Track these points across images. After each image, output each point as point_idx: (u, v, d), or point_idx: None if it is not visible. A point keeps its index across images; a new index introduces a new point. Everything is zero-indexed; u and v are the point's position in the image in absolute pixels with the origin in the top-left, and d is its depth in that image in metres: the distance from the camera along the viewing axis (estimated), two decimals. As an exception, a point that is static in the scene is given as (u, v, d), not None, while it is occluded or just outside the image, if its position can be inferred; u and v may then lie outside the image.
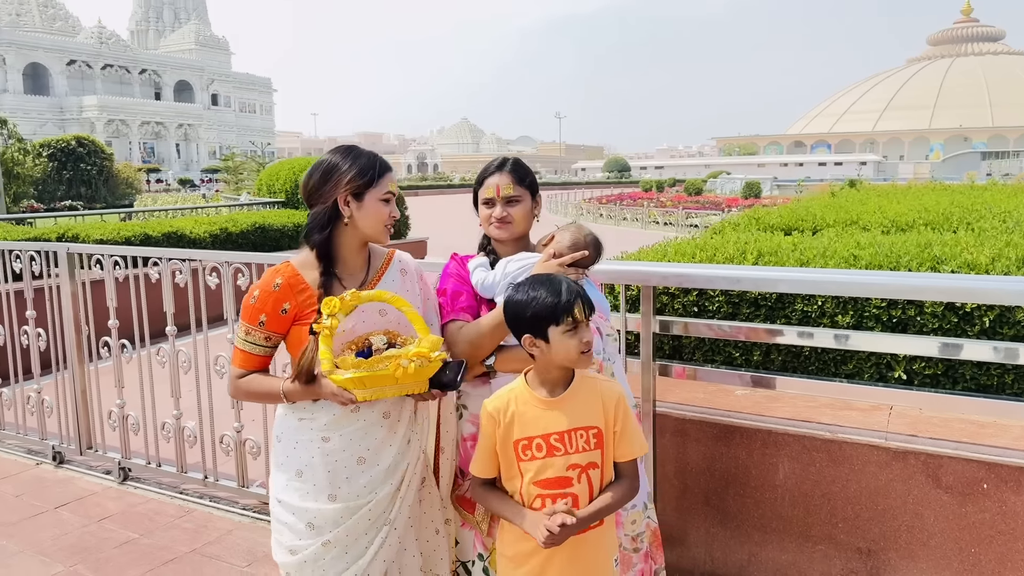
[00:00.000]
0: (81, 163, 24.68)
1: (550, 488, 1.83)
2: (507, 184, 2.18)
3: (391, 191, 2.01)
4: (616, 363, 2.26)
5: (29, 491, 4.13)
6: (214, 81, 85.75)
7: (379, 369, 1.85)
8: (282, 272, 1.99)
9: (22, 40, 67.60)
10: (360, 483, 1.97)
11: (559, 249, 2.12)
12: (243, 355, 2.01)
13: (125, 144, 70.06)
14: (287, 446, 2.01)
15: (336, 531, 1.93)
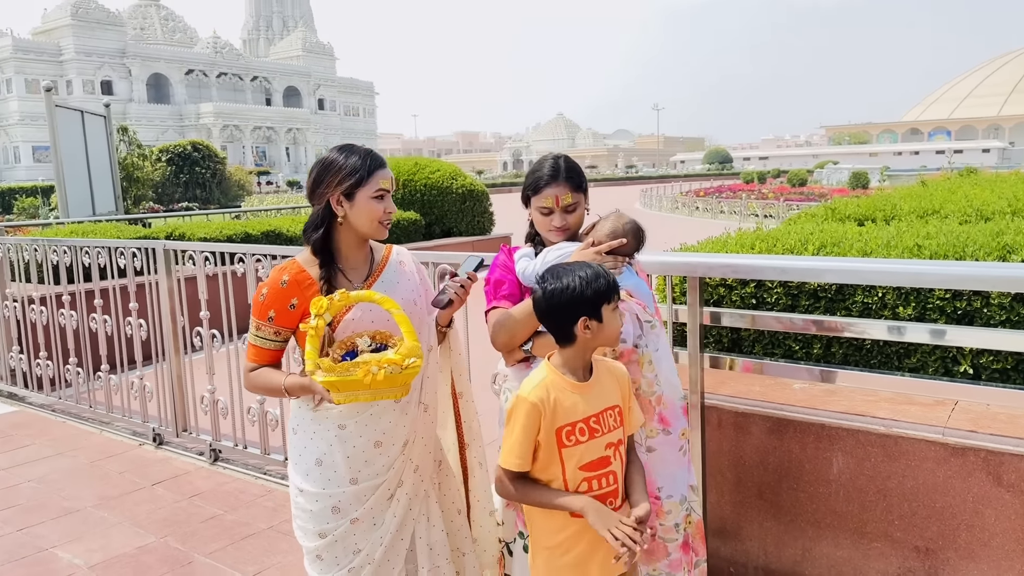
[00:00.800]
0: (196, 167, 26.17)
1: (594, 470, 1.87)
2: (566, 193, 2.20)
3: (383, 188, 2.03)
4: (660, 352, 2.22)
5: (131, 469, 4.51)
6: (320, 86, 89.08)
7: (349, 375, 1.88)
8: (288, 269, 2.06)
9: (146, 52, 72.35)
10: (379, 464, 2.04)
11: (598, 237, 2.16)
12: (254, 349, 2.09)
13: (239, 148, 73.87)
14: (304, 438, 2.08)
15: (362, 509, 2.02)
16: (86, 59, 67.67)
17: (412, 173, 11.47)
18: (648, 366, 2.16)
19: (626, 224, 2.20)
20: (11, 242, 5.97)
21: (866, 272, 2.43)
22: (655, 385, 2.17)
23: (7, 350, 6.00)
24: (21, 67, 64.99)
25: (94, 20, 68.82)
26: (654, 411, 2.17)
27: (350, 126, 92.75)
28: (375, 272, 2.14)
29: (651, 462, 2.18)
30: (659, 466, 2.20)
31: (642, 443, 2.16)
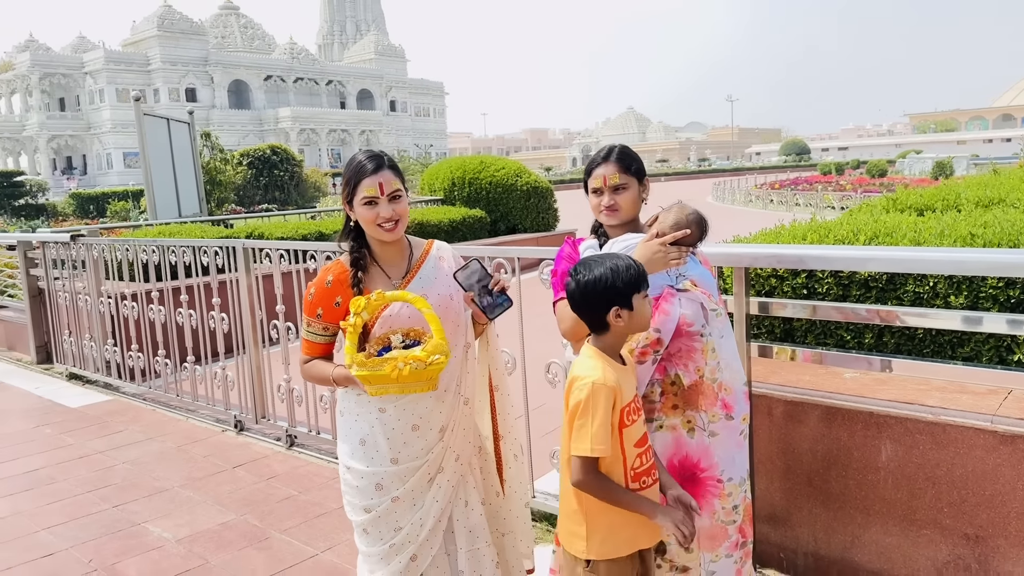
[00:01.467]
0: (275, 170, 27.11)
1: (641, 445, 1.98)
2: (613, 173, 2.28)
3: (367, 196, 2.11)
4: (724, 339, 2.25)
5: (214, 453, 4.83)
6: (392, 88, 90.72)
7: (378, 370, 2.02)
8: (333, 270, 2.21)
9: (227, 60, 75.16)
10: (417, 447, 2.17)
11: (661, 229, 2.20)
12: (307, 344, 2.26)
13: (315, 151, 75.97)
14: (349, 419, 2.23)
15: (403, 488, 2.16)
16: (171, 68, 70.78)
17: (477, 171, 11.70)
18: (712, 353, 2.20)
19: (689, 215, 2.23)
20: (105, 243, 6.43)
21: (906, 260, 2.45)
22: (718, 372, 2.21)
23: (103, 343, 6.46)
24: (112, 77, 68.46)
25: (178, 30, 71.88)
26: (717, 397, 2.21)
27: (421, 126, 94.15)
28: (413, 269, 2.25)
29: (713, 446, 2.22)
30: (721, 450, 2.23)
31: (705, 428, 2.20)
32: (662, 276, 2.21)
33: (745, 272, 2.83)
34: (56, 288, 7.06)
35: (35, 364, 7.51)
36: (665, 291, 2.23)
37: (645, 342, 2.19)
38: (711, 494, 2.25)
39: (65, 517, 3.94)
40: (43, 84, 68.73)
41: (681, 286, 2.24)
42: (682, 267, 2.21)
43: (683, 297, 2.22)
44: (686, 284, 2.24)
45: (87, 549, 3.57)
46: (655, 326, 2.19)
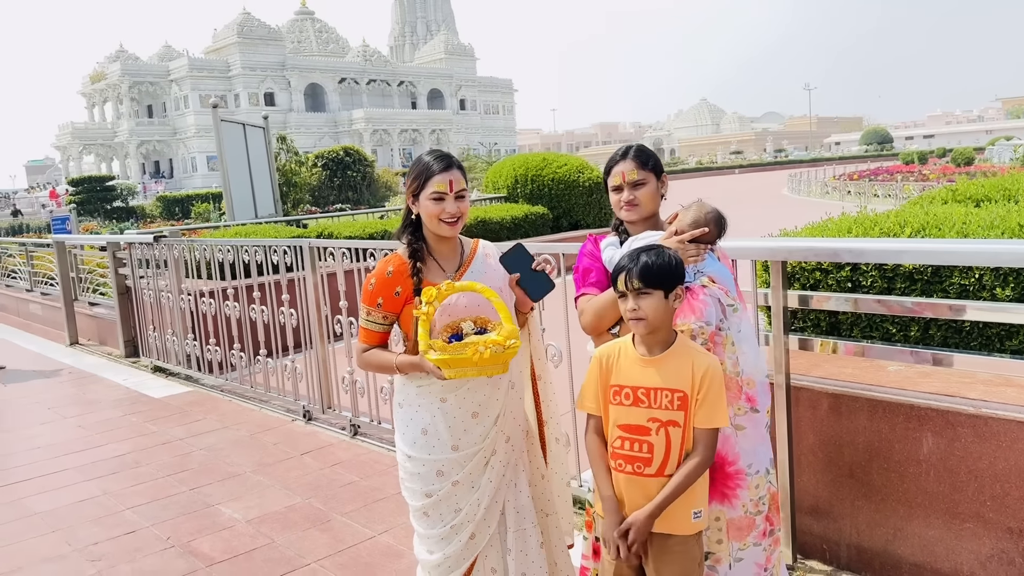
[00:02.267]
0: (348, 171, 27.82)
1: (630, 433, 2.08)
2: (631, 169, 2.36)
3: (437, 191, 2.24)
4: (742, 333, 2.30)
5: (284, 440, 5.11)
6: (461, 87, 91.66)
7: (460, 354, 2.14)
8: (392, 261, 2.34)
9: (303, 64, 77.41)
10: (477, 433, 2.30)
11: (680, 226, 2.27)
12: (366, 332, 2.36)
13: (388, 151, 77.48)
14: (409, 411, 2.34)
15: (462, 472, 2.29)
16: (251, 73, 73.34)
17: (540, 168, 11.81)
18: (731, 347, 2.26)
19: (708, 213, 2.30)
20: (184, 243, 6.83)
21: (938, 252, 2.45)
22: (738, 366, 2.26)
23: (183, 338, 6.87)
24: (196, 84, 71.41)
25: (257, 36, 74.43)
26: (741, 391, 2.26)
27: (490, 124, 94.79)
28: (464, 263, 2.39)
29: (739, 439, 2.27)
30: (746, 443, 2.28)
31: (731, 420, 2.23)
32: None
33: (782, 266, 2.86)
34: (141, 286, 7.53)
35: (123, 358, 8.01)
36: (693, 287, 2.28)
37: (704, 336, 2.23)
38: (739, 486, 2.30)
39: (147, 498, 4.26)
40: (132, 92, 72.27)
41: (699, 282, 2.29)
42: (700, 264, 2.27)
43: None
44: (704, 280, 2.29)
45: (166, 527, 3.86)
46: (705, 320, 2.23)
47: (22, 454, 5.17)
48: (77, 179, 30.97)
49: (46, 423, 5.98)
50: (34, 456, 5.12)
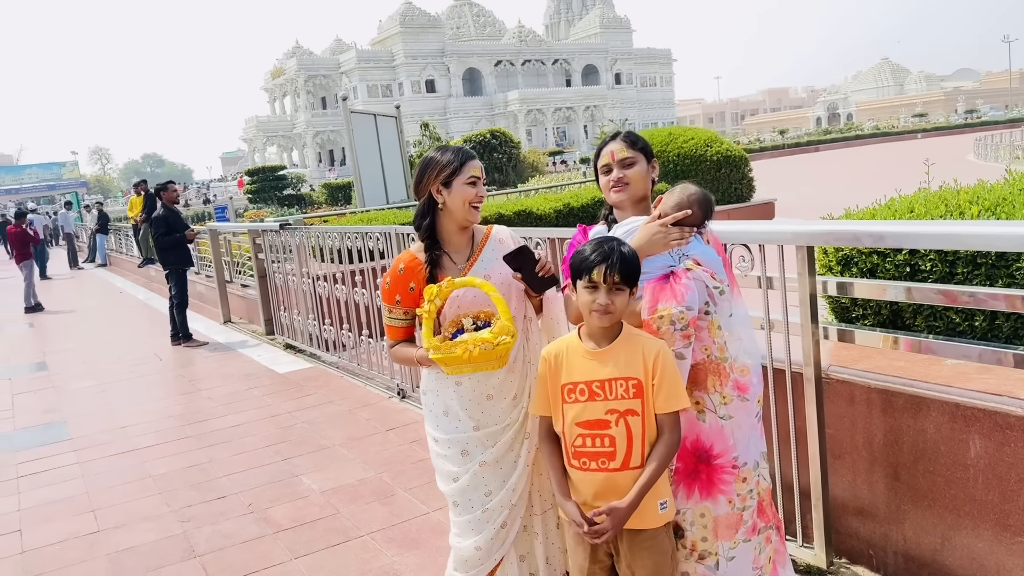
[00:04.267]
0: (494, 153, 28.33)
1: (590, 428, 2.05)
2: (620, 148, 2.32)
3: (474, 175, 2.33)
4: (733, 317, 2.22)
5: (376, 416, 5.40)
6: (617, 60, 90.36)
7: (451, 353, 2.19)
8: (403, 259, 2.41)
9: (461, 49, 79.50)
10: (495, 413, 2.35)
11: (663, 210, 2.22)
12: (391, 329, 2.47)
13: (541, 131, 78.15)
14: (432, 396, 2.42)
15: (486, 453, 2.34)
16: (413, 62, 76.35)
17: (665, 144, 11.47)
18: (718, 332, 2.19)
19: (691, 195, 2.25)
20: (303, 231, 7.33)
21: (952, 236, 2.18)
22: (727, 351, 2.19)
23: (306, 317, 7.39)
24: (363, 75, 75.40)
25: (418, 25, 77.26)
26: (729, 377, 2.18)
27: (647, 97, 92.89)
28: (475, 253, 2.42)
29: (729, 429, 2.18)
30: (735, 434, 2.20)
31: (716, 410, 2.18)
32: (664, 257, 2.20)
33: (808, 250, 2.67)
34: (274, 269, 8.16)
35: (264, 335, 8.74)
36: (677, 271, 2.21)
37: (683, 322, 2.16)
38: (725, 480, 2.21)
39: (244, 467, 4.67)
40: (308, 86, 77.54)
41: (684, 265, 2.21)
42: (685, 247, 2.20)
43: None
44: (688, 263, 2.22)
45: (250, 495, 4.22)
46: (686, 304, 2.15)
47: (159, 422, 5.82)
48: (253, 169, 33.80)
49: (184, 394, 6.69)
50: (167, 424, 5.75)
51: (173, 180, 9.82)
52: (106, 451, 5.20)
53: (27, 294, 13.02)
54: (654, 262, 2.22)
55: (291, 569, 3.37)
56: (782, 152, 52.64)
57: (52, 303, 13.83)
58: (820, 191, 19.46)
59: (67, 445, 5.40)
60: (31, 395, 7.06)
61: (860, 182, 19.17)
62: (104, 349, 9.16)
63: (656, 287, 2.18)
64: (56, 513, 4.20)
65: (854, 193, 6.03)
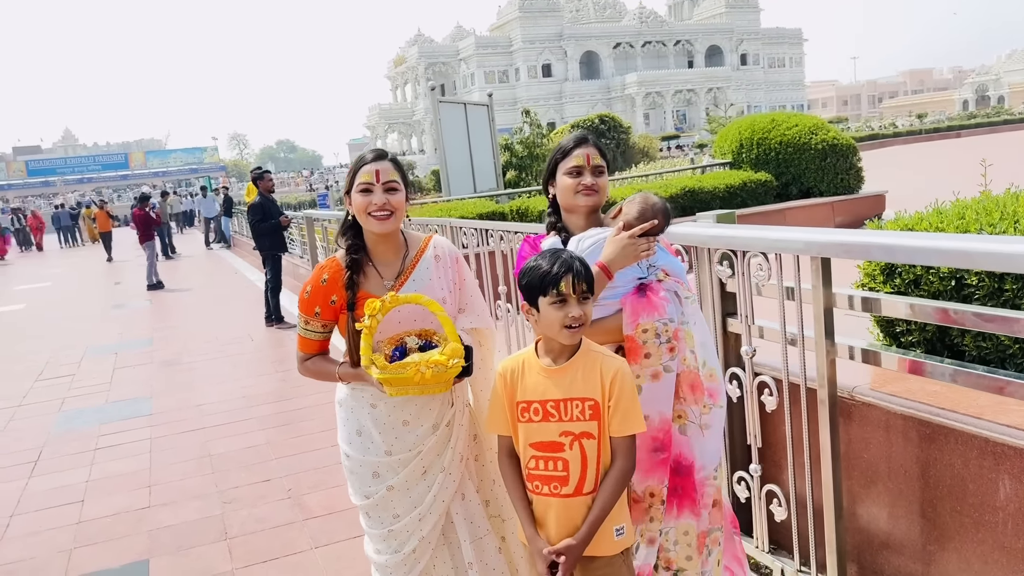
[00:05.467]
0: (602, 138, 27.94)
1: (543, 451, 1.94)
2: (595, 155, 2.26)
3: (363, 182, 2.15)
4: (697, 324, 2.19)
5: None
6: (743, 41, 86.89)
7: (401, 374, 2.06)
8: (328, 268, 2.23)
9: (579, 32, 78.76)
10: (409, 440, 2.23)
11: (628, 221, 2.16)
12: (305, 341, 2.29)
13: (660, 114, 76.42)
14: (347, 410, 2.31)
15: (396, 478, 2.23)
16: (530, 47, 76.34)
17: (766, 131, 10.88)
18: (691, 340, 2.16)
19: (654, 205, 2.19)
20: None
21: (970, 254, 1.90)
22: (699, 357, 2.16)
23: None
24: (481, 61, 76.16)
25: (536, 10, 77.10)
26: (703, 386, 2.15)
27: (774, 79, 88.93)
28: (407, 270, 2.26)
29: (706, 438, 2.16)
30: (712, 442, 2.18)
31: (697, 421, 2.15)
32: (633, 269, 2.16)
33: (823, 261, 2.43)
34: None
35: (348, 320, 8.99)
36: (651, 283, 2.18)
37: (668, 334, 2.12)
38: (708, 493, 2.19)
39: (296, 450, 4.82)
40: (428, 73, 79.11)
41: (655, 277, 2.18)
42: (652, 258, 2.17)
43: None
44: (659, 275, 2.18)
45: (293, 479, 4.35)
46: (667, 316, 2.13)
47: (230, 402, 6.11)
48: (367, 156, 34.92)
49: (263, 375, 6.99)
50: (238, 404, 6.02)
51: (269, 170, 10.28)
52: (177, 428, 5.51)
53: (149, 272, 14.02)
54: (625, 275, 2.16)
55: (308, 558, 3.45)
56: (919, 138, 49.04)
57: (173, 281, 14.83)
58: (945, 181, 17.99)
59: (146, 420, 5.77)
60: (129, 370, 7.60)
61: (995, 170, 17.58)
62: (204, 327, 9.72)
63: (635, 301, 2.15)
64: (117, 486, 4.49)
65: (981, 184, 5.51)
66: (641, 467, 2.08)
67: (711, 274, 2.97)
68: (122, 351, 8.57)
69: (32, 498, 4.42)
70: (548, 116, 72.60)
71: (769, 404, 2.73)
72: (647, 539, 2.15)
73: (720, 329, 3.03)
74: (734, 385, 2.90)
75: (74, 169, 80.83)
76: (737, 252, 2.74)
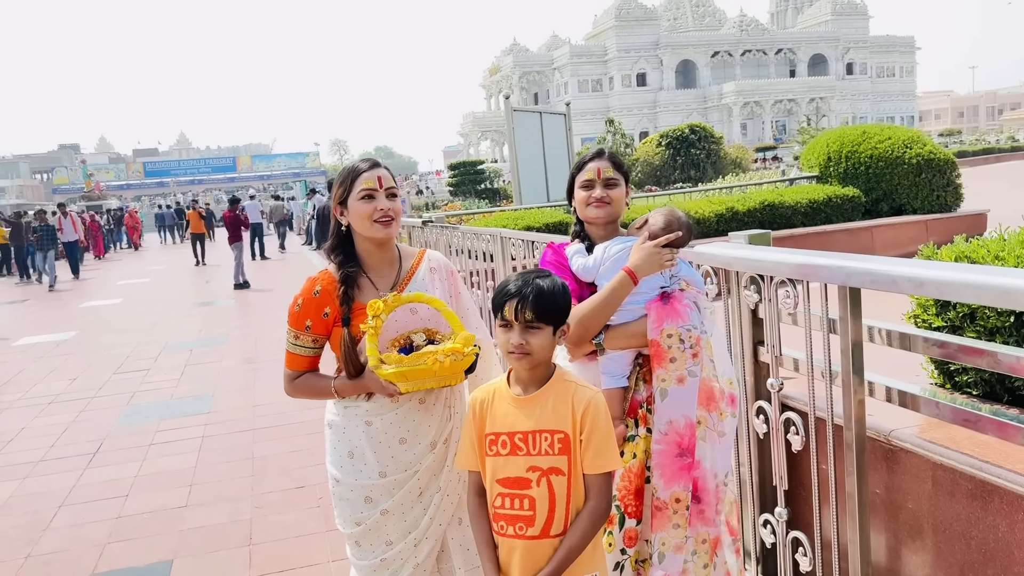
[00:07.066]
0: (692, 148, 27.36)
1: (510, 487, 1.81)
2: (607, 167, 2.33)
3: (366, 188, 2.11)
4: (715, 336, 2.28)
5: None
6: (849, 49, 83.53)
7: (419, 364, 1.99)
8: (320, 280, 2.17)
9: (676, 41, 77.55)
10: (406, 459, 2.14)
11: (653, 231, 2.24)
12: (295, 358, 2.21)
13: (758, 124, 74.28)
14: (338, 431, 2.21)
15: (391, 501, 2.14)
16: (625, 55, 75.74)
17: (856, 144, 10.27)
18: (710, 349, 2.22)
19: (679, 218, 2.28)
20: (439, 229, 7.46)
21: (1002, 289, 1.64)
22: (716, 368, 2.23)
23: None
24: (575, 70, 76.09)
25: (633, 18, 76.47)
26: (723, 393, 2.21)
27: (882, 88, 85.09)
28: (402, 281, 2.22)
29: (723, 446, 2.22)
30: (726, 450, 2.24)
31: (716, 428, 2.18)
32: (655, 278, 2.24)
33: (852, 291, 2.19)
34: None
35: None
36: (675, 291, 2.25)
37: (691, 340, 2.16)
38: (723, 500, 2.22)
39: (334, 458, 4.82)
40: (522, 82, 79.75)
41: (678, 287, 2.26)
42: (674, 268, 2.26)
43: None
44: (681, 285, 2.27)
45: (324, 488, 4.32)
46: (691, 323, 2.18)
47: (286, 403, 6.19)
48: (454, 164, 35.27)
49: (321, 379, 7.07)
50: (288, 408, 6.09)
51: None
52: (229, 428, 5.63)
53: (236, 272, 14.56)
54: (649, 283, 2.23)
55: (324, 571, 3.41)
56: (1042, 152, 45.79)
57: (259, 282, 15.36)
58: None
59: (202, 419, 5.92)
60: (199, 367, 7.86)
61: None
62: (278, 328, 9.96)
63: (660, 307, 2.21)
64: (161, 484, 4.60)
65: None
66: (666, 473, 2.11)
67: (739, 298, 2.76)
68: (197, 348, 8.89)
69: (82, 490, 4.59)
70: (641, 125, 71.84)
71: (795, 443, 2.50)
72: (673, 546, 2.12)
73: (751, 357, 2.81)
74: (760, 420, 2.68)
75: (186, 171, 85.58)
76: (764, 277, 2.53)
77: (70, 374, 7.92)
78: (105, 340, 9.90)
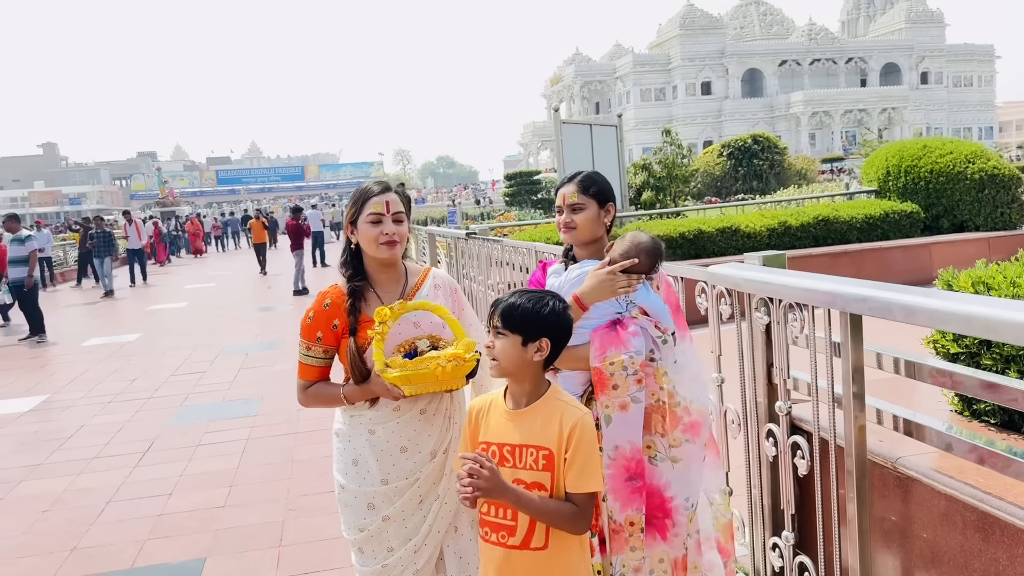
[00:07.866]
0: (755, 159, 26.89)
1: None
2: (572, 193, 2.37)
3: (374, 212, 2.22)
4: (679, 364, 2.25)
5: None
6: (924, 58, 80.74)
7: (422, 368, 2.11)
8: (330, 294, 2.29)
9: (742, 50, 76.27)
10: (406, 467, 2.24)
11: (613, 256, 2.28)
12: (307, 368, 2.31)
13: (827, 135, 72.43)
14: (344, 440, 2.33)
15: (392, 508, 2.24)
16: (689, 64, 74.85)
17: (916, 158, 9.95)
18: (664, 378, 2.22)
19: (640, 244, 2.28)
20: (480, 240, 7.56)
21: (989, 321, 1.61)
22: (676, 396, 2.24)
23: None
24: (638, 79, 75.58)
25: (698, 27, 75.55)
26: (679, 420, 2.23)
27: (959, 98, 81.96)
28: (407, 296, 2.33)
29: (679, 472, 2.23)
30: (687, 475, 2.24)
31: (665, 453, 2.22)
32: (612, 304, 2.25)
33: (853, 318, 2.18)
34: (463, 274, 8.53)
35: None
36: (624, 319, 2.25)
37: (634, 367, 2.18)
38: (680, 522, 2.21)
39: (369, 464, 4.94)
40: (583, 91, 79.64)
41: (631, 313, 2.25)
42: (632, 295, 2.25)
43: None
44: (635, 312, 2.25)
45: (355, 493, 4.46)
46: (633, 350, 2.18)
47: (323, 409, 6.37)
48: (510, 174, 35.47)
49: (365, 386, 7.24)
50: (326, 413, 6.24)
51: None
52: (274, 431, 5.82)
53: (296, 279, 14.98)
54: (602, 308, 2.25)
55: (346, 573, 3.51)
56: None
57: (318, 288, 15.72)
58: None
59: (249, 421, 6.14)
60: (253, 371, 8.13)
61: None
62: (329, 335, 10.23)
63: (603, 335, 2.22)
64: (203, 483, 4.80)
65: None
66: (620, 496, 2.14)
67: (751, 321, 2.76)
68: (252, 352, 9.20)
69: (130, 487, 4.82)
70: (705, 134, 70.87)
71: (801, 467, 2.50)
72: (632, 567, 2.16)
73: (764, 379, 2.80)
74: (770, 442, 2.68)
75: (257, 179, 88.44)
76: (773, 300, 2.54)
77: (130, 375, 8.30)
78: (166, 343, 10.32)
